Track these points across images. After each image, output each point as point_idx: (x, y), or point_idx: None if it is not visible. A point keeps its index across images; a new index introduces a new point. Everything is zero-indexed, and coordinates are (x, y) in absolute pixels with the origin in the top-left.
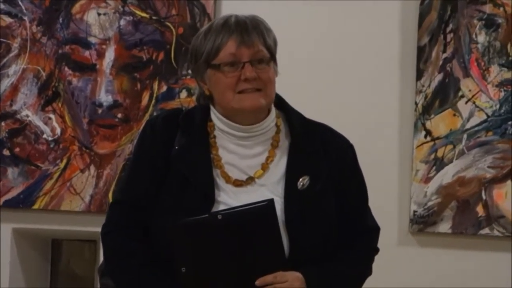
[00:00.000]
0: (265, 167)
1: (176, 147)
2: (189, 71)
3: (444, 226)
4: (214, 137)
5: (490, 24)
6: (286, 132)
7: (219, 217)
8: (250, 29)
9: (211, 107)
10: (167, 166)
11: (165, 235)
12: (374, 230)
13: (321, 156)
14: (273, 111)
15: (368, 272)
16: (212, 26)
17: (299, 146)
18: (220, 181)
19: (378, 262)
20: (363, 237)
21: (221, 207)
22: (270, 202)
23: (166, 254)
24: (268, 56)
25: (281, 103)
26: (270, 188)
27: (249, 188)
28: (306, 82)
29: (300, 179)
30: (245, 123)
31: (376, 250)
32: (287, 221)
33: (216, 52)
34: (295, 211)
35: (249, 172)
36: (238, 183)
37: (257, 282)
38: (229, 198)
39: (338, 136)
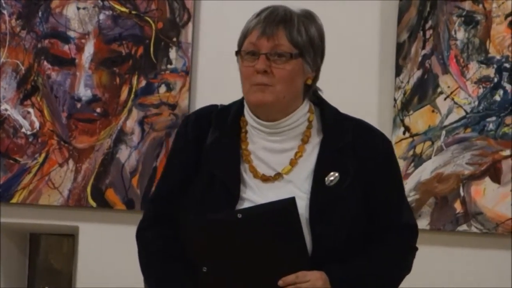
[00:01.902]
0: (293, 162)
1: (207, 143)
2: (168, 66)
3: (422, 223)
4: (246, 132)
5: (469, 21)
6: (319, 128)
7: (239, 215)
8: (277, 21)
9: (244, 101)
10: (199, 162)
11: (188, 232)
12: (409, 227)
13: (351, 151)
14: (305, 106)
15: (401, 271)
16: (257, 11)
17: (329, 142)
18: (247, 176)
19: None
20: (396, 234)
21: (246, 204)
22: (291, 200)
23: (190, 252)
24: (290, 51)
25: (317, 98)
26: (297, 185)
27: (276, 184)
28: None
29: (328, 176)
30: (269, 118)
31: (413, 248)
32: (311, 218)
33: (243, 39)
34: (320, 208)
35: (277, 168)
36: (265, 178)
37: (279, 282)
38: (254, 194)
39: (371, 131)
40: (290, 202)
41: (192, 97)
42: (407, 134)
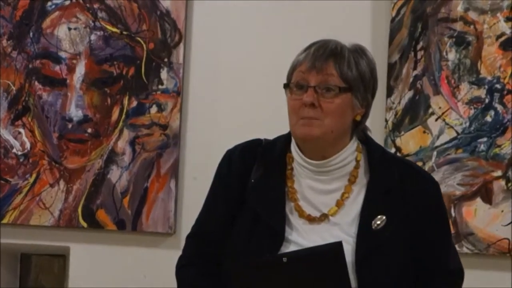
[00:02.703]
0: (340, 204)
1: (252, 180)
2: (159, 87)
3: None
4: (292, 169)
5: (460, 41)
6: (366, 168)
7: (284, 259)
8: (327, 55)
9: (292, 138)
10: (243, 200)
11: (232, 274)
12: (456, 272)
13: (399, 194)
14: (352, 144)
15: None
16: (308, 45)
17: (376, 183)
18: (292, 216)
19: None
20: (443, 279)
21: (291, 246)
22: (338, 244)
23: None
24: (338, 85)
25: (365, 137)
26: (344, 228)
27: (322, 226)
28: (271, 98)
29: (375, 219)
30: (316, 155)
31: None
32: (357, 264)
33: (292, 71)
34: (366, 253)
35: (323, 209)
36: (311, 219)
37: None
38: (299, 236)
39: (419, 174)
40: (337, 247)
41: (184, 117)
42: (398, 155)
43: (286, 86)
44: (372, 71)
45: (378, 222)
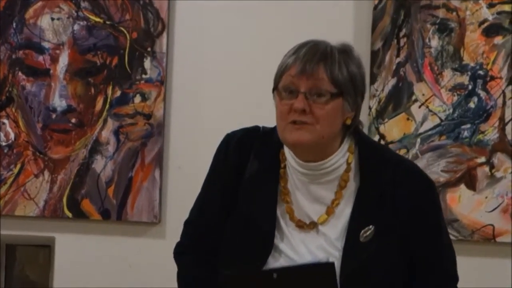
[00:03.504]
0: (330, 212)
1: (247, 176)
2: (143, 76)
3: None
4: (285, 167)
5: (443, 28)
6: (357, 171)
7: (274, 275)
8: (318, 59)
9: None
10: (237, 194)
11: (221, 281)
12: (449, 277)
13: (390, 199)
14: (344, 147)
15: None
16: (296, 46)
17: (367, 190)
18: (283, 219)
19: None
20: (436, 283)
21: (281, 257)
22: (330, 266)
23: None
24: (330, 90)
25: (359, 136)
26: (331, 240)
27: (311, 235)
28: (254, 87)
29: (363, 231)
30: (305, 159)
31: None
32: (343, 279)
33: (280, 75)
34: (354, 266)
35: (313, 215)
36: (300, 225)
37: None
38: (286, 245)
39: (413, 175)
40: (329, 268)
41: (167, 107)
42: (382, 142)
43: (274, 89)
44: (361, 73)
45: (366, 234)
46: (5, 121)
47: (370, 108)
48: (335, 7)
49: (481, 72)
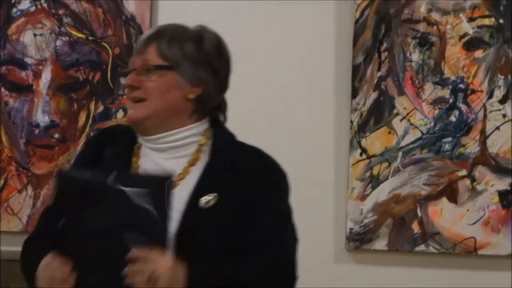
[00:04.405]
0: (174, 184)
1: (104, 158)
2: (125, 91)
3: (380, 243)
4: (140, 147)
5: (424, 42)
6: (209, 153)
7: (109, 181)
8: (149, 37)
9: None
10: None
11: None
12: (274, 263)
13: (234, 173)
14: (195, 127)
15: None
16: None
17: (212, 165)
18: None
19: (315, 279)
20: (253, 259)
21: None
22: (167, 177)
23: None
24: (156, 64)
25: (218, 126)
26: (173, 206)
27: None
28: (238, 99)
29: (204, 197)
30: (146, 133)
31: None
32: (179, 240)
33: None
34: (190, 229)
35: None
36: None
37: (129, 254)
38: None
39: (260, 156)
40: (164, 179)
41: None
42: (364, 156)
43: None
44: (203, 48)
45: (205, 201)
46: None
47: (351, 122)
48: (316, 21)
49: (462, 86)
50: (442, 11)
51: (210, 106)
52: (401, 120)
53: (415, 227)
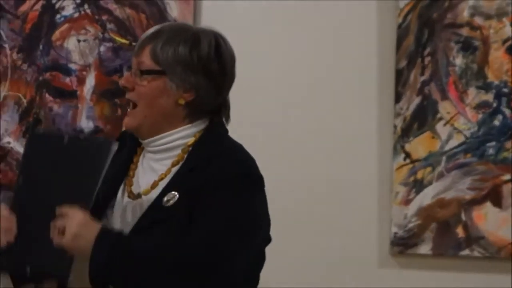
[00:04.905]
0: (155, 184)
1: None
2: None
3: (425, 248)
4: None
5: (467, 47)
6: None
7: (65, 139)
8: (146, 38)
9: None
10: None
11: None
12: (206, 264)
13: (199, 174)
14: (185, 130)
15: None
16: None
17: (184, 166)
18: (123, 189)
19: (359, 284)
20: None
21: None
22: (107, 142)
23: None
24: (148, 69)
25: (211, 127)
26: (144, 204)
27: (136, 203)
28: (281, 105)
29: (166, 196)
30: (141, 136)
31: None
32: (136, 230)
33: None
34: (145, 224)
35: (143, 187)
36: (131, 195)
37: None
38: (115, 213)
39: (225, 162)
40: (105, 143)
41: None
42: (407, 160)
43: None
44: (197, 53)
45: (167, 199)
46: None
47: (395, 127)
48: (359, 26)
49: (505, 90)
50: (485, 16)
51: (205, 109)
52: (444, 125)
53: (460, 231)
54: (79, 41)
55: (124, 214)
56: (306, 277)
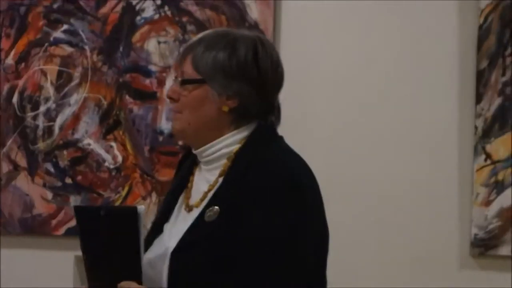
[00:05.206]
0: (204, 196)
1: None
2: None
3: (505, 249)
4: None
5: None
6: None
7: (102, 212)
8: (186, 48)
9: None
10: None
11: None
12: None
13: (239, 189)
14: (232, 137)
15: None
16: None
17: (228, 177)
18: (182, 201)
19: (439, 285)
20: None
21: (162, 235)
22: (133, 210)
23: None
24: (190, 78)
25: (258, 132)
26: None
27: (189, 215)
28: (360, 105)
29: (208, 210)
30: (192, 146)
31: None
32: (175, 250)
33: None
34: (191, 240)
35: (196, 199)
36: (187, 208)
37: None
38: (170, 225)
39: (268, 174)
40: (131, 212)
41: None
42: (488, 161)
43: None
44: (236, 59)
45: (210, 214)
46: (113, 144)
47: (476, 128)
48: (440, 27)
49: None
50: None
51: (251, 114)
52: None
53: None
54: (159, 42)
55: (178, 227)
56: (386, 277)
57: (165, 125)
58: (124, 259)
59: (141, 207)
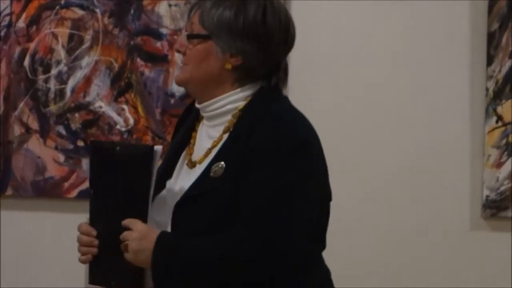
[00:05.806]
0: (208, 153)
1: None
2: None
3: None
4: None
5: None
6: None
7: (118, 148)
8: (197, 2)
9: None
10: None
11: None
12: (263, 240)
13: (245, 144)
14: (234, 94)
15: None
16: None
17: (233, 133)
18: (183, 159)
19: (451, 247)
20: (238, 231)
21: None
22: (149, 148)
23: None
24: (198, 32)
25: (263, 90)
26: (198, 173)
27: (192, 172)
28: (373, 67)
29: (214, 166)
30: (197, 100)
31: (251, 263)
32: (178, 203)
33: None
34: (194, 193)
35: (199, 155)
36: (189, 164)
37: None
38: (173, 181)
39: (275, 127)
40: (147, 151)
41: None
42: (499, 123)
43: None
44: (244, 17)
45: (216, 169)
46: (125, 106)
47: (487, 90)
48: None
49: None
50: None
51: (256, 74)
52: None
53: None
54: (170, 5)
55: (181, 183)
56: (398, 238)
57: (176, 87)
58: (132, 198)
59: (158, 147)
